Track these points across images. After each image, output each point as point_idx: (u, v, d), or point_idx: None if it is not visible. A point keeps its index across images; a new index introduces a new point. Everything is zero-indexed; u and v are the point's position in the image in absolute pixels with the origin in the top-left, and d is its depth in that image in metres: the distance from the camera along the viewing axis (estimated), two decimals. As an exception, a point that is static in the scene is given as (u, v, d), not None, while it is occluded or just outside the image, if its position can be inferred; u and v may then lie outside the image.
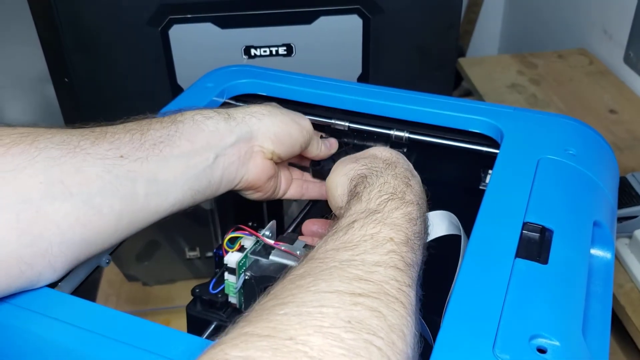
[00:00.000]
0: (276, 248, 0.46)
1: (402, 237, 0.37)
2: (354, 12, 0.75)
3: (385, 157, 0.47)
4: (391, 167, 0.45)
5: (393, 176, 0.43)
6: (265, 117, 0.50)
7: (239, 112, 0.50)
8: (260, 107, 0.51)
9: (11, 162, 0.37)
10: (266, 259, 0.45)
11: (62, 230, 0.38)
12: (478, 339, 0.33)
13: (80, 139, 0.41)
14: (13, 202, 0.36)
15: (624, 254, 0.70)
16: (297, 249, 0.45)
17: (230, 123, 0.48)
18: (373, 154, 0.48)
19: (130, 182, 0.41)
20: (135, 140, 0.43)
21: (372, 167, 0.45)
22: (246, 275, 0.45)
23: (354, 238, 0.36)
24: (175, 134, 0.45)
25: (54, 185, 0.38)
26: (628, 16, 1.03)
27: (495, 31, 1.55)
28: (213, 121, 0.48)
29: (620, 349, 0.68)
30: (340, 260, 0.34)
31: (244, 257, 0.45)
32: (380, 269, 0.33)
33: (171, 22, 0.73)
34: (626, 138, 0.91)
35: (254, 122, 0.49)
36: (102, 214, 0.40)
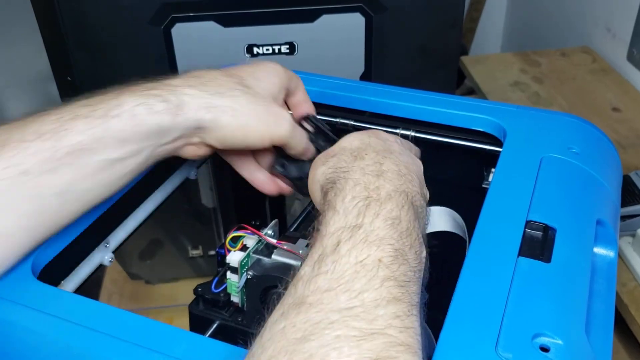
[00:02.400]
0: (278, 247, 0.46)
1: (390, 252, 0.35)
2: (357, 10, 0.75)
3: (354, 146, 0.43)
4: (358, 158, 0.41)
5: (361, 172, 0.40)
6: (225, 115, 0.44)
7: (193, 104, 0.43)
8: (229, 98, 0.44)
9: None
10: (268, 258, 0.45)
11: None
12: (481, 338, 0.33)
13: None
14: None
15: (627, 253, 0.70)
16: (300, 248, 0.45)
17: (178, 119, 0.43)
18: (341, 147, 0.44)
19: (37, 198, 0.39)
20: (45, 150, 0.39)
21: (339, 167, 0.41)
22: (248, 274, 0.45)
23: (345, 271, 0.33)
24: (102, 136, 0.40)
25: None
26: (631, 14, 1.03)
27: (498, 29, 1.55)
28: (157, 117, 0.42)
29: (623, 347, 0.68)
30: (339, 308, 0.31)
31: (246, 257, 0.45)
32: (380, 311, 0.32)
33: (174, 20, 0.73)
34: (629, 136, 0.90)
35: (208, 119, 0.43)
36: (9, 234, 0.39)
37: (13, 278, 0.40)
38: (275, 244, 0.46)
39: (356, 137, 0.45)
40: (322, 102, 0.59)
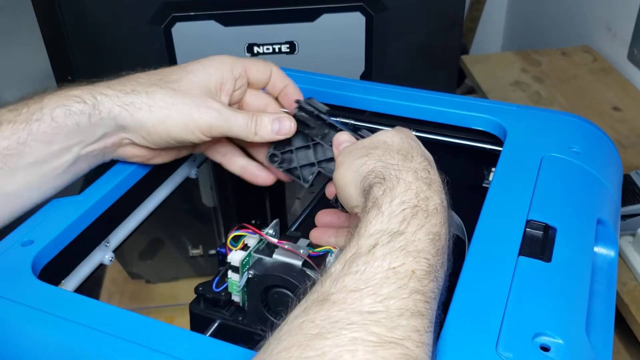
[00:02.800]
0: (280, 247, 0.46)
1: (425, 266, 0.34)
2: (357, 10, 0.75)
3: (398, 146, 0.42)
4: (408, 159, 0.40)
5: (414, 175, 0.39)
6: (140, 112, 0.45)
7: (108, 102, 0.44)
8: (144, 94, 0.45)
9: None
10: (269, 257, 0.45)
11: None
12: (481, 337, 0.33)
13: None
14: None
15: (627, 252, 0.70)
16: (301, 247, 0.45)
17: (93, 118, 0.44)
18: (384, 142, 0.42)
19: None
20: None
21: (388, 162, 0.40)
22: (249, 273, 0.45)
23: (375, 274, 0.33)
24: (27, 140, 0.42)
25: None
26: (632, 13, 1.03)
27: (498, 28, 1.55)
28: (74, 118, 0.43)
29: (624, 347, 0.68)
30: (361, 310, 0.31)
31: (248, 256, 0.45)
32: (402, 321, 0.31)
33: (174, 19, 0.73)
34: (630, 135, 0.90)
35: (124, 116, 0.45)
36: None
37: (13, 277, 0.40)
38: (276, 243, 0.46)
39: (394, 134, 0.44)
40: (323, 101, 0.59)
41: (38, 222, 0.44)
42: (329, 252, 0.45)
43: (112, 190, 0.48)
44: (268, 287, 0.44)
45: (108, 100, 0.44)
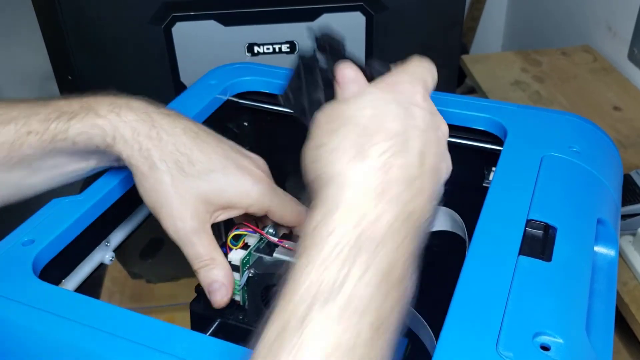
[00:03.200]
0: (280, 246, 0.46)
1: (371, 322, 0.28)
2: (357, 10, 0.75)
3: (362, 123, 0.34)
4: (360, 156, 0.32)
5: (361, 186, 0.31)
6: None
7: (129, 152, 0.43)
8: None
9: None
10: (270, 256, 0.45)
11: None
12: (481, 336, 0.33)
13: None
14: None
15: (627, 252, 0.70)
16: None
17: (113, 156, 0.44)
18: (351, 119, 0.34)
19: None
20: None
21: (335, 165, 0.32)
22: (250, 272, 0.45)
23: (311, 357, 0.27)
24: (51, 152, 0.44)
25: None
26: (632, 12, 1.03)
27: (498, 28, 1.55)
28: (97, 146, 0.43)
29: (624, 346, 0.68)
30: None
31: (248, 255, 0.45)
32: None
33: (174, 19, 0.73)
34: (630, 135, 0.90)
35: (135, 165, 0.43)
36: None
37: (14, 276, 0.40)
38: (276, 242, 0.46)
39: (372, 98, 0.35)
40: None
41: (38, 221, 0.44)
42: None
43: (113, 190, 0.48)
44: (268, 285, 0.44)
45: (129, 150, 0.42)
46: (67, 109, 0.43)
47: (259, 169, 0.45)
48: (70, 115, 0.43)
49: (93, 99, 0.44)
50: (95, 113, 0.43)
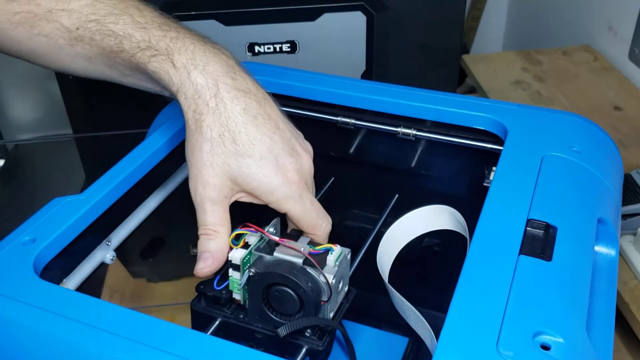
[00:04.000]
0: (281, 244, 0.46)
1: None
2: (358, 9, 0.75)
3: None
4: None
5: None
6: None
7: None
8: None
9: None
10: (270, 255, 0.45)
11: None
12: (482, 336, 0.33)
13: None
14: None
15: (628, 251, 0.70)
16: (302, 245, 0.45)
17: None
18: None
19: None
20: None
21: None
22: (250, 271, 0.45)
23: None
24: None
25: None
26: (633, 12, 1.03)
27: (499, 28, 1.55)
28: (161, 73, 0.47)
29: (625, 346, 0.68)
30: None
31: (248, 254, 0.45)
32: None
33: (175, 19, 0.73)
34: (631, 135, 0.90)
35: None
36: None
37: (15, 276, 0.40)
38: (277, 241, 0.46)
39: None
40: (323, 100, 0.59)
41: (39, 220, 0.44)
42: (329, 250, 0.44)
43: (114, 189, 0.48)
44: (269, 284, 0.44)
45: (186, 107, 0.46)
46: (155, 43, 0.47)
47: (296, 172, 0.46)
48: (154, 52, 0.46)
49: (181, 42, 0.47)
50: (172, 62, 0.46)
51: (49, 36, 0.49)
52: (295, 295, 0.42)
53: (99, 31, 0.48)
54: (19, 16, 0.48)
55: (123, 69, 0.49)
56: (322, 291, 0.43)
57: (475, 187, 0.57)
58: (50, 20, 0.48)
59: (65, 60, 0.51)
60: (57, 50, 0.49)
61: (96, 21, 0.48)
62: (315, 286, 0.42)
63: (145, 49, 0.46)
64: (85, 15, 0.48)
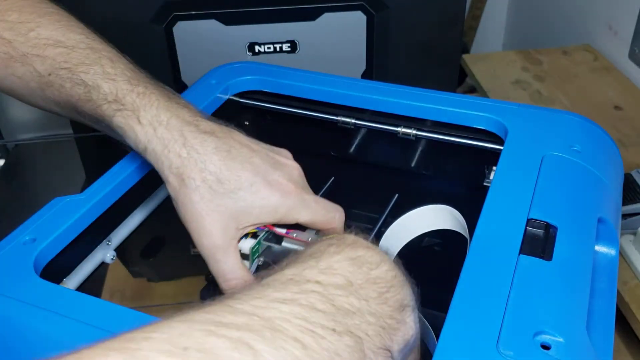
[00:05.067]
0: (288, 235, 0.46)
1: (339, 280, 0.31)
2: (358, 9, 0.75)
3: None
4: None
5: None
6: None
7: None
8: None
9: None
10: (278, 245, 0.46)
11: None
12: (482, 335, 0.33)
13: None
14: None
15: (628, 251, 0.70)
16: (309, 236, 0.46)
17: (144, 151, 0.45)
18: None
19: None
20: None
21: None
22: (259, 261, 0.45)
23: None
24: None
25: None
26: (633, 12, 1.03)
27: (499, 27, 1.55)
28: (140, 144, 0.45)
29: (625, 346, 0.68)
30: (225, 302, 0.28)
31: (257, 244, 0.46)
32: (282, 306, 0.28)
33: (175, 19, 0.73)
34: (631, 134, 0.90)
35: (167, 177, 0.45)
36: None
37: (15, 275, 0.40)
38: (284, 234, 0.46)
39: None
40: (324, 100, 0.59)
41: (40, 220, 0.45)
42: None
43: (114, 189, 0.48)
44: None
45: (160, 165, 0.44)
46: (122, 97, 0.46)
47: (289, 181, 0.45)
48: (120, 107, 0.46)
49: (147, 99, 0.46)
50: (137, 119, 0.45)
51: (22, 78, 0.49)
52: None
53: (69, 79, 0.48)
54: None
55: (90, 118, 0.49)
56: None
57: (475, 187, 0.57)
58: (25, 63, 0.49)
59: (38, 102, 0.52)
60: (30, 91, 0.50)
61: (68, 69, 0.48)
62: None
63: (112, 102, 0.46)
64: (58, 63, 0.48)
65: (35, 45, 0.49)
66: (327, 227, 0.46)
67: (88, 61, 0.48)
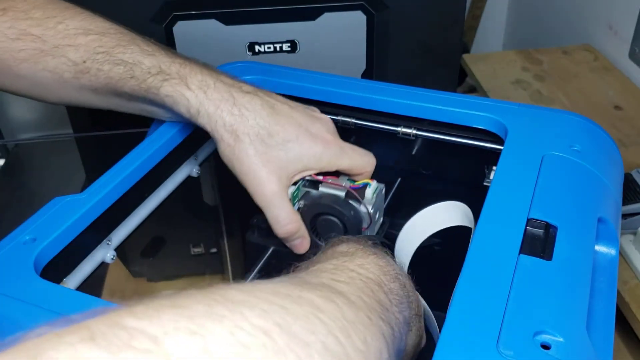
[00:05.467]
0: (324, 182, 0.50)
1: (373, 277, 0.34)
2: (358, 9, 0.75)
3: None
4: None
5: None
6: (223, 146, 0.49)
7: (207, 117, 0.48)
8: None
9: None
10: (316, 190, 0.50)
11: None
12: (482, 335, 0.33)
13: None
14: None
15: (628, 251, 0.70)
16: (343, 181, 0.50)
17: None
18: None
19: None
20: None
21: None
22: (299, 204, 0.49)
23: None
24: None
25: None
26: (633, 11, 1.03)
27: (499, 27, 1.55)
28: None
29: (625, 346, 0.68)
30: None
31: (297, 190, 0.50)
32: (341, 285, 0.31)
33: (175, 18, 0.73)
34: (631, 134, 0.90)
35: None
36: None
37: (15, 275, 0.40)
38: (321, 180, 0.50)
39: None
40: (324, 100, 0.59)
41: (40, 220, 0.45)
42: (367, 185, 0.50)
43: (114, 189, 0.48)
44: (316, 215, 0.49)
45: (213, 124, 0.48)
46: (166, 68, 0.49)
47: (327, 132, 0.50)
48: (166, 77, 0.49)
49: (189, 67, 0.49)
50: (186, 84, 0.48)
51: (55, 71, 0.50)
52: (340, 223, 0.48)
53: (107, 61, 0.49)
54: (24, 53, 0.49)
55: (129, 97, 0.51)
56: (362, 219, 0.49)
57: (475, 187, 0.57)
58: (56, 55, 0.50)
59: (70, 94, 0.52)
60: (62, 84, 0.51)
61: (104, 52, 0.50)
62: (357, 215, 0.48)
63: (156, 74, 0.48)
64: (93, 48, 0.50)
65: (66, 36, 0.50)
66: (362, 171, 0.51)
67: (123, 42, 0.50)
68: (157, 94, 0.48)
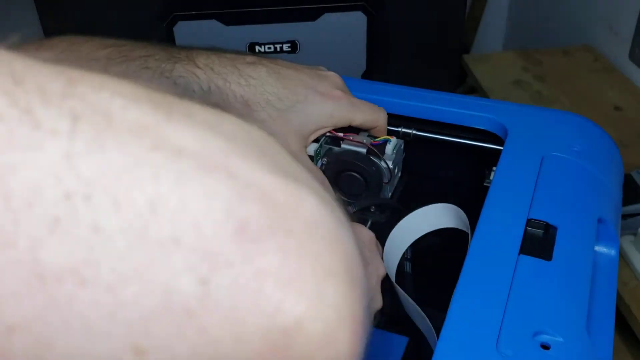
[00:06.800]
0: (345, 138, 0.51)
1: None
2: (358, 9, 0.75)
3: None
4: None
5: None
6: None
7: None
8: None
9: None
10: (338, 147, 0.51)
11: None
12: (482, 335, 0.33)
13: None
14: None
15: (628, 251, 0.70)
16: (363, 137, 0.51)
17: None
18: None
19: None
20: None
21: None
22: (323, 161, 0.51)
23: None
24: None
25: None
26: (633, 12, 1.03)
27: (499, 27, 1.55)
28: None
29: (625, 346, 0.68)
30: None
31: (319, 147, 0.51)
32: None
33: (176, 19, 0.73)
34: (631, 134, 0.90)
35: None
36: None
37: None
38: (341, 137, 0.51)
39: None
40: (324, 100, 0.59)
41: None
42: (387, 141, 0.51)
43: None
44: (339, 171, 0.50)
45: (224, 97, 0.49)
46: (176, 54, 0.51)
47: (336, 89, 0.51)
48: (176, 60, 0.50)
49: (195, 51, 0.51)
50: (195, 64, 0.50)
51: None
52: (362, 178, 0.50)
53: (124, 60, 0.51)
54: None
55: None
56: (383, 174, 0.50)
57: (475, 187, 0.57)
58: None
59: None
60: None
61: (124, 57, 0.51)
62: (378, 170, 0.50)
63: (167, 60, 0.50)
64: (113, 55, 0.51)
65: (89, 53, 0.51)
66: (375, 125, 0.52)
67: (140, 46, 0.52)
68: (170, 77, 0.50)
